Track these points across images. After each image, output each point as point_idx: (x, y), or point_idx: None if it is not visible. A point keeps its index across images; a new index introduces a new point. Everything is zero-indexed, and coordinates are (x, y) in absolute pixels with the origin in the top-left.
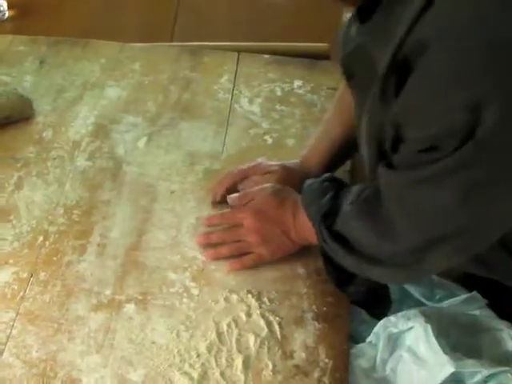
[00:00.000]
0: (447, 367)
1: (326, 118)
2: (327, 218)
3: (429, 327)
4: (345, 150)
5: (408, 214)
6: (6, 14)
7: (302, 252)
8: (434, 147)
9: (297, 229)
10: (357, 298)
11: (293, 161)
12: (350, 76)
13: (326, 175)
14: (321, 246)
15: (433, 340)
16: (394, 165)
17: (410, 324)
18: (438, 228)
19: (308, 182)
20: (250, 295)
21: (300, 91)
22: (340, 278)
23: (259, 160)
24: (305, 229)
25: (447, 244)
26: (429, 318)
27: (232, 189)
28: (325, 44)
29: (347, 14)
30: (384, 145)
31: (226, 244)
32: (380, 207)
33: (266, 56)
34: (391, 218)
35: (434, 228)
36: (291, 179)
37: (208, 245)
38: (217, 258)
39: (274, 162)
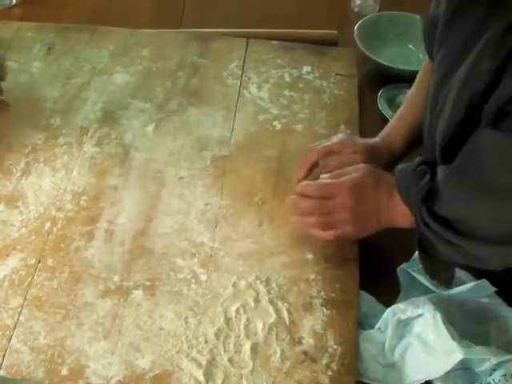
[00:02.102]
0: (456, 354)
1: (408, 96)
2: (427, 201)
3: (438, 314)
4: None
5: None
6: (14, 1)
7: (310, 238)
8: None
9: (390, 212)
10: (448, 284)
11: (374, 139)
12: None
13: (419, 158)
14: (419, 233)
15: (442, 327)
16: (502, 128)
17: (419, 311)
18: None
19: (401, 166)
20: (258, 281)
21: (309, 77)
22: (433, 266)
23: (342, 136)
24: (396, 212)
25: None
26: (437, 305)
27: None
28: (333, 31)
29: (356, 1)
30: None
31: (314, 214)
32: (479, 175)
33: (275, 42)
34: (496, 181)
35: None
36: (376, 158)
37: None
38: (302, 226)
39: (358, 140)
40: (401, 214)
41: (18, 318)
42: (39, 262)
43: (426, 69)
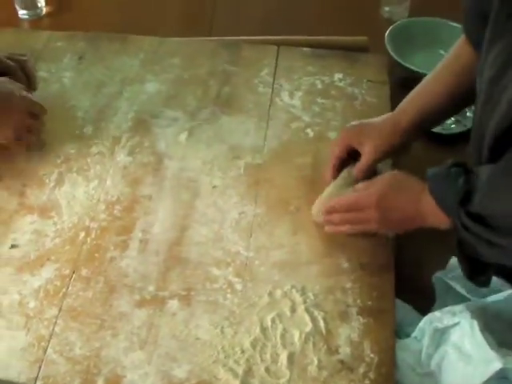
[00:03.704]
0: (495, 363)
1: (426, 79)
2: (465, 203)
3: (475, 323)
4: (444, 109)
5: None
6: (44, 10)
7: (346, 246)
8: None
9: (418, 216)
10: (485, 286)
11: (382, 116)
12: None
13: (451, 160)
14: (459, 236)
15: (479, 336)
16: None
17: (456, 319)
18: None
19: (432, 170)
20: (294, 290)
21: (341, 84)
22: (472, 268)
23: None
24: (427, 216)
25: None
26: (474, 313)
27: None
28: (363, 37)
29: (385, 8)
30: None
31: (346, 227)
32: None
33: (305, 49)
34: None
35: None
36: (394, 137)
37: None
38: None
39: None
40: (432, 218)
41: (53, 329)
42: (74, 272)
43: (460, 53)
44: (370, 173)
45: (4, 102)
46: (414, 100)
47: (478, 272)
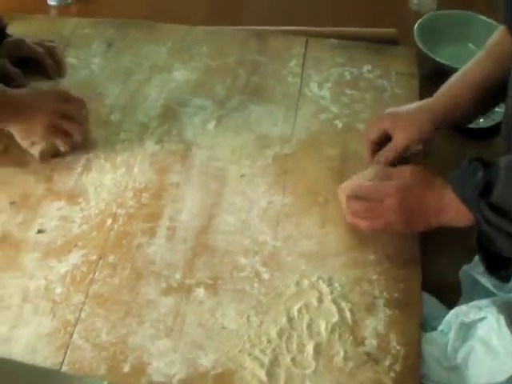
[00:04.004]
0: None
1: (462, 69)
2: (485, 196)
3: (501, 318)
4: (481, 98)
5: None
6: None
7: (372, 238)
8: None
9: (439, 215)
10: (506, 280)
11: (418, 102)
12: None
13: (469, 157)
14: (478, 229)
15: (506, 331)
16: None
17: (482, 314)
18: None
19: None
20: (320, 281)
21: (369, 76)
22: (493, 262)
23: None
24: (447, 212)
25: None
26: (501, 308)
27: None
28: (392, 29)
29: (414, 0)
30: None
31: (364, 216)
32: None
33: (334, 40)
34: None
35: None
36: (416, 126)
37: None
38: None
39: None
40: (454, 215)
41: (79, 315)
42: (100, 258)
43: (499, 41)
44: (399, 159)
45: (30, 113)
46: (451, 89)
47: (498, 267)
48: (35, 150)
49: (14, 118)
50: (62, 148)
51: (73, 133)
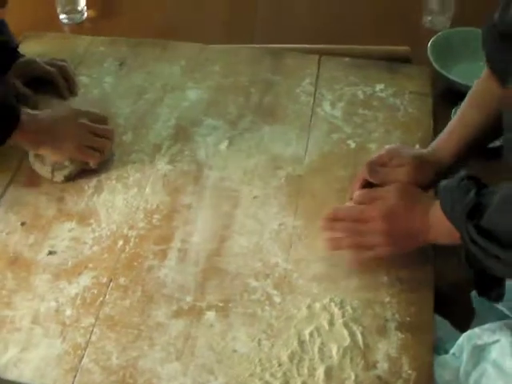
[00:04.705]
0: None
1: (461, 108)
2: (474, 217)
3: None
4: (480, 138)
5: None
6: (85, 15)
7: (384, 260)
8: None
9: (426, 232)
10: (498, 300)
11: (424, 149)
12: None
13: (463, 173)
14: (466, 249)
15: None
16: None
17: (496, 337)
18: None
19: (443, 182)
20: (332, 303)
21: (382, 95)
22: (483, 282)
23: (390, 148)
24: (436, 231)
25: None
26: None
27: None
28: (406, 47)
29: (428, 17)
30: None
31: (348, 237)
32: None
33: (347, 59)
34: None
35: None
36: (423, 170)
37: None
38: (336, 249)
39: (406, 151)
40: (440, 232)
41: (89, 338)
42: (111, 280)
43: (486, 88)
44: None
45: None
46: (455, 132)
47: (489, 287)
48: (59, 175)
49: (46, 142)
50: (93, 165)
51: (103, 149)
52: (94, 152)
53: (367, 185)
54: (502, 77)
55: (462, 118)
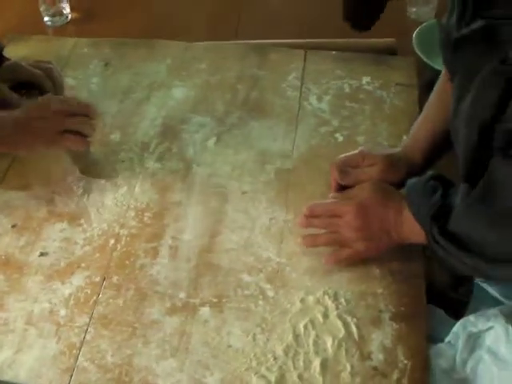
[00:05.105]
0: None
1: (426, 104)
2: (439, 219)
3: (510, 327)
4: (446, 134)
5: None
6: (69, 17)
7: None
8: None
9: (399, 228)
10: (467, 297)
11: (396, 149)
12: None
13: (430, 173)
14: (431, 249)
15: None
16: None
17: (490, 324)
18: None
19: (411, 181)
20: (326, 296)
21: (369, 87)
22: (451, 279)
23: (362, 148)
24: (408, 229)
25: None
26: (509, 317)
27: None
28: (392, 39)
29: (412, 8)
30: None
31: (324, 233)
32: (497, 202)
33: (333, 53)
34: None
35: None
36: (394, 170)
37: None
38: (313, 246)
39: (377, 152)
40: (412, 230)
41: (84, 337)
42: (104, 279)
43: (446, 84)
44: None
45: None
46: (421, 131)
47: (455, 282)
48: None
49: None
50: (80, 147)
51: (84, 129)
52: (76, 136)
53: (343, 186)
54: (450, 75)
55: (427, 116)
